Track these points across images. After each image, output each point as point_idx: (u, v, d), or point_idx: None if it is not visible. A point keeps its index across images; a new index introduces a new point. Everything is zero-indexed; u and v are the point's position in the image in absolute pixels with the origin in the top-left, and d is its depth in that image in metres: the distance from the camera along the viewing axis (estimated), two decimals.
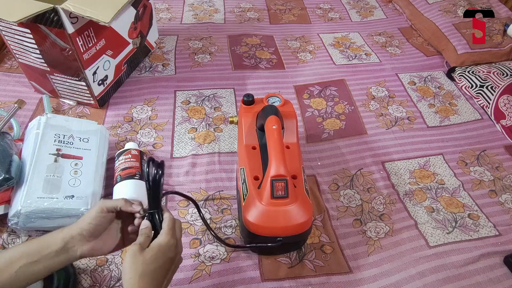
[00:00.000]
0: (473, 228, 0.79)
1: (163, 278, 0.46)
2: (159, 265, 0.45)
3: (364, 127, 1.01)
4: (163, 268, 0.46)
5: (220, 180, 0.84)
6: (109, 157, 0.83)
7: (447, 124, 1.04)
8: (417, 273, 0.70)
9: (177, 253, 0.49)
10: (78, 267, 0.67)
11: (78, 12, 0.73)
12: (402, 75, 1.19)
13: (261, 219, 0.62)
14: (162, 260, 0.45)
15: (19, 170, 0.69)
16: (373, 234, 0.77)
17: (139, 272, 0.43)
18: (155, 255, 0.45)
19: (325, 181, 0.86)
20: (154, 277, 0.44)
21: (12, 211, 0.64)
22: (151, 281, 0.44)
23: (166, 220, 0.49)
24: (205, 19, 1.38)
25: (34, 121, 0.76)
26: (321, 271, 0.70)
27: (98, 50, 0.88)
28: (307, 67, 1.20)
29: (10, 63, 1.07)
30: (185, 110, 1.00)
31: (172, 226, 0.48)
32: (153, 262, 0.44)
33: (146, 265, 0.44)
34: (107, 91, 0.97)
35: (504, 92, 1.03)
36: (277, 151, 0.63)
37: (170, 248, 0.47)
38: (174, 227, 0.49)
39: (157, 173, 0.49)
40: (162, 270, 0.46)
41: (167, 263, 0.46)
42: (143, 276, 0.43)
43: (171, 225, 0.48)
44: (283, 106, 0.77)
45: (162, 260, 0.45)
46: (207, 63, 1.17)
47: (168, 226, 0.48)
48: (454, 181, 0.89)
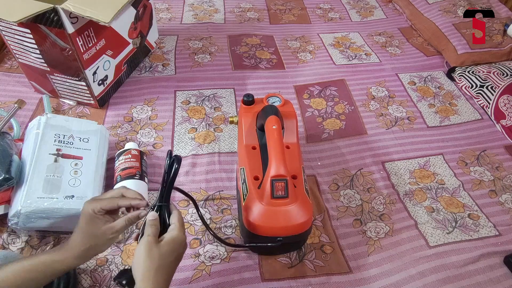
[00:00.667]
0: (473, 228, 0.79)
1: (174, 272, 0.47)
2: (173, 259, 0.46)
3: (364, 127, 1.01)
4: (175, 263, 0.47)
5: (220, 180, 0.84)
6: (109, 157, 0.83)
7: (447, 124, 1.04)
8: (417, 273, 0.70)
9: (185, 249, 0.49)
10: (78, 267, 0.67)
11: (78, 12, 0.73)
12: (402, 75, 1.19)
13: (261, 219, 0.62)
14: (176, 254, 0.46)
15: (19, 170, 0.69)
16: (373, 234, 0.77)
17: (156, 266, 0.43)
18: (171, 249, 0.45)
19: (325, 181, 0.86)
20: (169, 272, 0.45)
21: (12, 211, 0.64)
22: (166, 275, 0.44)
23: (176, 215, 0.50)
24: (205, 19, 1.38)
25: (34, 121, 0.76)
26: (321, 271, 0.70)
27: (98, 50, 0.88)
28: (307, 67, 1.20)
29: (10, 63, 1.07)
30: (185, 110, 1.00)
31: (183, 222, 0.49)
32: (169, 256, 0.45)
33: (163, 259, 0.44)
34: (107, 91, 0.97)
35: (504, 92, 1.03)
36: (277, 151, 0.63)
37: (182, 244, 0.47)
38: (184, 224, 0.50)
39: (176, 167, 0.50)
40: (174, 264, 0.46)
41: (178, 258, 0.47)
42: (159, 270, 0.43)
43: (182, 221, 0.49)
44: (283, 106, 0.77)
45: (176, 254, 0.46)
46: (207, 63, 1.17)
47: (179, 221, 0.49)
48: (454, 181, 0.89)
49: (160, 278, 0.44)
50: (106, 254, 0.69)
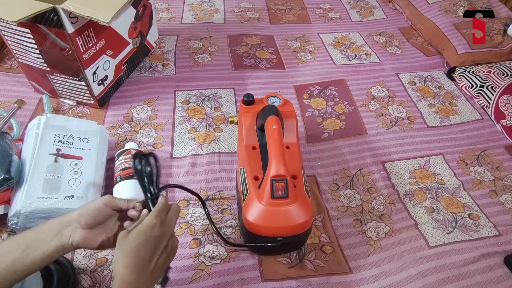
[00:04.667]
0: (473, 228, 0.79)
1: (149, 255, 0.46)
2: (141, 242, 0.46)
3: (364, 127, 1.01)
4: (146, 245, 0.46)
5: (220, 180, 0.84)
6: (109, 157, 0.83)
7: (447, 124, 1.03)
8: (417, 273, 0.70)
9: (163, 232, 0.49)
10: (78, 267, 0.67)
11: (78, 12, 0.73)
12: (402, 75, 1.19)
13: (261, 219, 0.62)
14: (143, 237, 0.46)
15: (19, 170, 0.69)
16: (373, 234, 0.77)
17: (123, 251, 0.45)
18: (137, 234, 0.46)
19: (325, 181, 0.86)
20: (137, 253, 0.45)
21: (12, 211, 0.64)
22: (134, 256, 0.45)
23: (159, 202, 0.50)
24: (205, 19, 1.38)
25: (34, 121, 0.76)
26: (321, 271, 0.70)
27: (98, 50, 0.88)
28: (307, 67, 1.20)
29: (10, 63, 1.07)
30: (185, 110, 1.00)
31: (159, 208, 0.49)
32: (135, 240, 0.46)
33: (129, 244, 0.45)
34: (107, 91, 0.97)
35: (504, 92, 1.03)
36: (277, 151, 0.63)
37: (153, 227, 0.47)
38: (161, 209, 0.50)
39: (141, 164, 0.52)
40: (145, 246, 0.46)
41: (151, 240, 0.47)
42: (127, 254, 0.45)
43: (158, 207, 0.49)
44: (283, 106, 0.77)
45: (144, 237, 0.46)
46: (207, 63, 1.17)
47: (155, 208, 0.49)
48: (454, 181, 0.88)
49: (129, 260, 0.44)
50: (106, 254, 0.69)
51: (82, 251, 0.69)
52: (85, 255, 0.69)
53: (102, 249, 0.52)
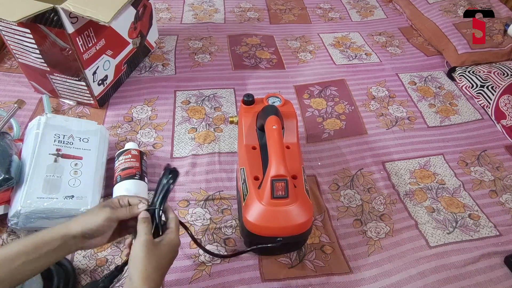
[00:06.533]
0: (473, 228, 0.79)
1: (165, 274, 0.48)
2: (168, 261, 0.47)
3: (364, 127, 1.01)
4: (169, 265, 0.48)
5: (220, 180, 0.84)
6: (109, 157, 0.83)
7: (447, 124, 1.03)
8: (418, 273, 0.70)
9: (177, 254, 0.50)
10: (78, 267, 0.67)
11: (78, 12, 0.73)
12: (403, 75, 1.19)
13: (261, 219, 0.62)
14: (171, 256, 0.48)
15: (19, 170, 0.68)
16: (373, 234, 0.77)
17: (154, 265, 0.44)
18: (168, 251, 0.47)
19: (325, 181, 0.86)
20: (164, 273, 0.46)
21: (12, 211, 0.64)
22: (161, 276, 0.46)
23: (173, 220, 0.51)
24: (205, 19, 1.38)
25: (34, 121, 0.76)
26: (321, 271, 0.70)
27: (98, 50, 0.88)
28: (307, 67, 1.20)
29: (10, 63, 1.07)
30: (185, 110, 1.00)
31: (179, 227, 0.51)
32: (166, 257, 0.46)
33: (160, 260, 0.45)
34: (107, 91, 0.97)
35: (505, 92, 1.03)
36: (277, 151, 0.63)
37: (176, 247, 0.49)
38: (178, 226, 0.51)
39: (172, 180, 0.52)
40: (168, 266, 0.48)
41: (171, 262, 0.49)
42: (157, 270, 0.45)
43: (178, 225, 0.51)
44: (283, 106, 0.77)
45: (171, 257, 0.48)
46: (207, 63, 1.17)
47: (177, 225, 0.50)
48: (455, 181, 0.88)
49: (158, 278, 0.45)
50: (106, 254, 0.69)
51: (82, 251, 0.69)
52: (85, 255, 0.69)
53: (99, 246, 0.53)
